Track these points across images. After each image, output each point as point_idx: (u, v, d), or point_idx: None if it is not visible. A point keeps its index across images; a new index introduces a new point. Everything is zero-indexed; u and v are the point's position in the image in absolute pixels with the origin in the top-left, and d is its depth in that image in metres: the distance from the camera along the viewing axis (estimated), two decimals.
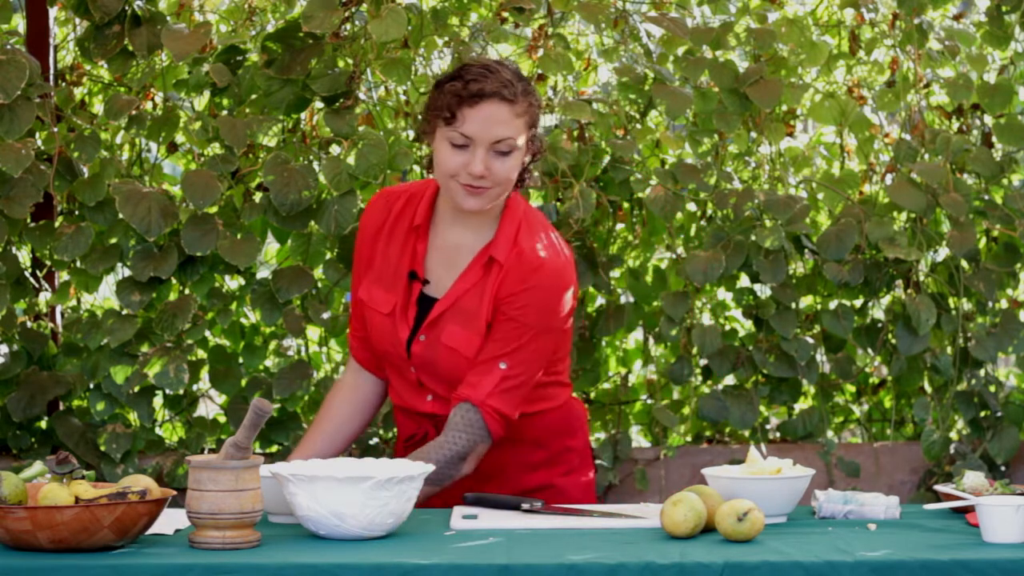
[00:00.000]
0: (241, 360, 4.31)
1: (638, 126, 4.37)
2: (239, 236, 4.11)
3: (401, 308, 3.30)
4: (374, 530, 2.71)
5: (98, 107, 4.35)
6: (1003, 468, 4.39)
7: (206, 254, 4.07)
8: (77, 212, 4.18)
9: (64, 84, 4.29)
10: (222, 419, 4.29)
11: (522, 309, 3.22)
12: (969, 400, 4.41)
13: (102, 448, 4.08)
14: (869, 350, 4.45)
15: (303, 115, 4.25)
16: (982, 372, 4.44)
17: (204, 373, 4.28)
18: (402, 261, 3.31)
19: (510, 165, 3.18)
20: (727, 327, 4.51)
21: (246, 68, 4.19)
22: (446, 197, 3.27)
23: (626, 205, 4.41)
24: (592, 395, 4.47)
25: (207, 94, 4.25)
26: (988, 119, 4.46)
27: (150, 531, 2.75)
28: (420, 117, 3.27)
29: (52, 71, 4.29)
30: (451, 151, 3.16)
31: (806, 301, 4.51)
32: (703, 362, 4.42)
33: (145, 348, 4.09)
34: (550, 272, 3.25)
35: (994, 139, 4.42)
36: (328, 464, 2.86)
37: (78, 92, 4.33)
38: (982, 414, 4.41)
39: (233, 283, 4.30)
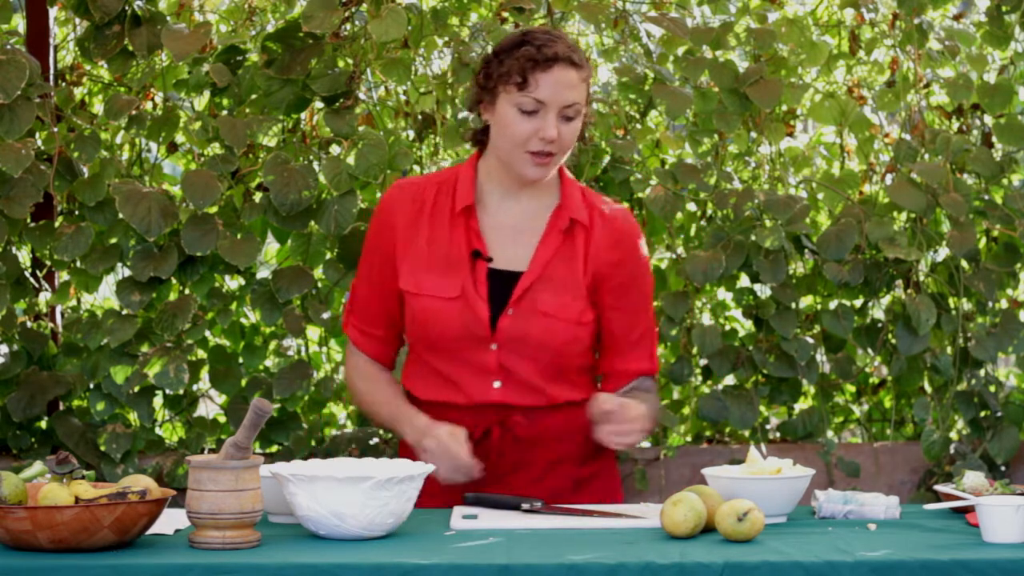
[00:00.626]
0: (241, 360, 4.31)
1: (638, 126, 4.37)
2: (239, 236, 4.11)
3: (471, 288, 3.23)
4: (374, 530, 2.71)
5: (98, 107, 4.35)
6: (1003, 468, 4.39)
7: (206, 254, 4.07)
8: (77, 212, 4.18)
9: (64, 84, 4.29)
10: (222, 419, 4.30)
11: (633, 265, 3.31)
12: (969, 400, 4.41)
13: (102, 448, 4.08)
14: (869, 350, 4.45)
15: (303, 115, 4.25)
16: (982, 372, 4.44)
17: (204, 373, 4.28)
18: (454, 244, 3.25)
19: (574, 130, 3.22)
20: (727, 327, 4.51)
21: (246, 68, 4.19)
22: (497, 172, 3.25)
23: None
24: None
25: (207, 94, 4.25)
26: (988, 119, 4.46)
27: (150, 531, 2.75)
28: (476, 86, 3.25)
29: (52, 71, 4.29)
30: (520, 118, 3.16)
31: (806, 301, 4.51)
32: (703, 362, 4.42)
33: (145, 348, 4.09)
34: (630, 219, 3.36)
35: (994, 139, 4.42)
36: (328, 464, 2.86)
37: (78, 92, 4.33)
38: (982, 414, 4.41)
39: (233, 283, 4.30)
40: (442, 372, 3.29)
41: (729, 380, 4.43)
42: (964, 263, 4.41)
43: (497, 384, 3.26)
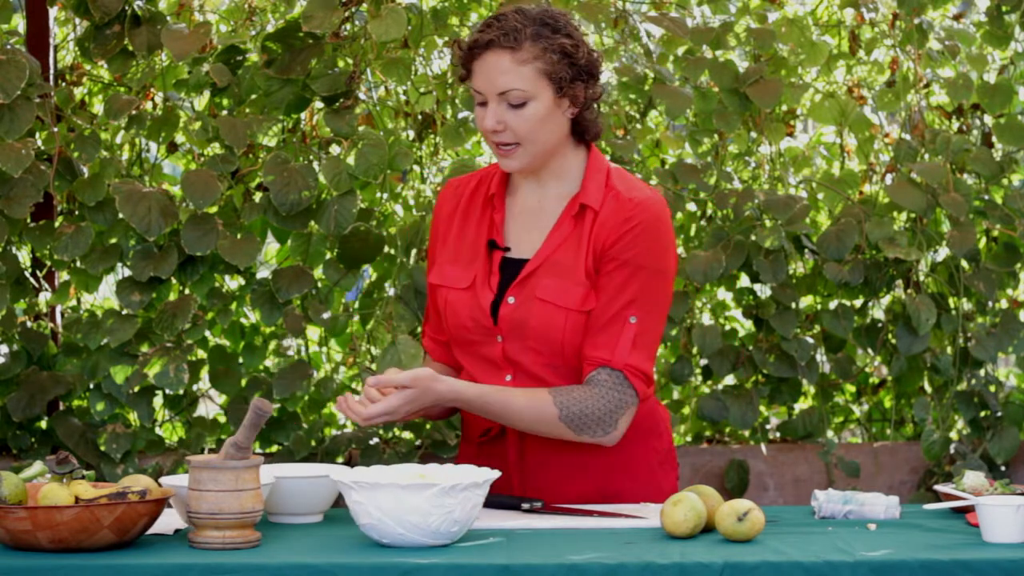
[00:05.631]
0: (241, 360, 4.31)
1: (638, 126, 4.37)
2: (239, 236, 4.11)
3: (482, 277, 3.14)
4: (439, 538, 2.64)
5: (98, 107, 4.35)
6: (1003, 468, 4.39)
7: (206, 254, 4.07)
8: (77, 212, 4.18)
9: (64, 84, 4.29)
10: (222, 419, 4.30)
11: (633, 250, 3.05)
12: (969, 400, 4.41)
13: (102, 448, 4.08)
14: (869, 350, 4.45)
15: (303, 115, 4.25)
16: (982, 372, 4.44)
17: (204, 373, 4.28)
18: (478, 234, 3.17)
19: (527, 117, 3.04)
20: (727, 327, 4.51)
21: (246, 68, 4.19)
22: None
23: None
24: None
25: (207, 94, 4.25)
26: (988, 119, 4.47)
27: (150, 531, 2.75)
28: None
29: (52, 71, 4.29)
30: (478, 110, 3.08)
31: (806, 301, 4.51)
32: (703, 362, 4.42)
33: (145, 348, 4.09)
34: (651, 207, 3.08)
35: (994, 139, 4.43)
36: (390, 471, 2.78)
37: (78, 92, 4.33)
38: (982, 414, 4.42)
39: (233, 283, 4.30)
40: (465, 367, 3.19)
41: (729, 380, 4.44)
42: (964, 263, 4.41)
43: (508, 378, 3.14)
